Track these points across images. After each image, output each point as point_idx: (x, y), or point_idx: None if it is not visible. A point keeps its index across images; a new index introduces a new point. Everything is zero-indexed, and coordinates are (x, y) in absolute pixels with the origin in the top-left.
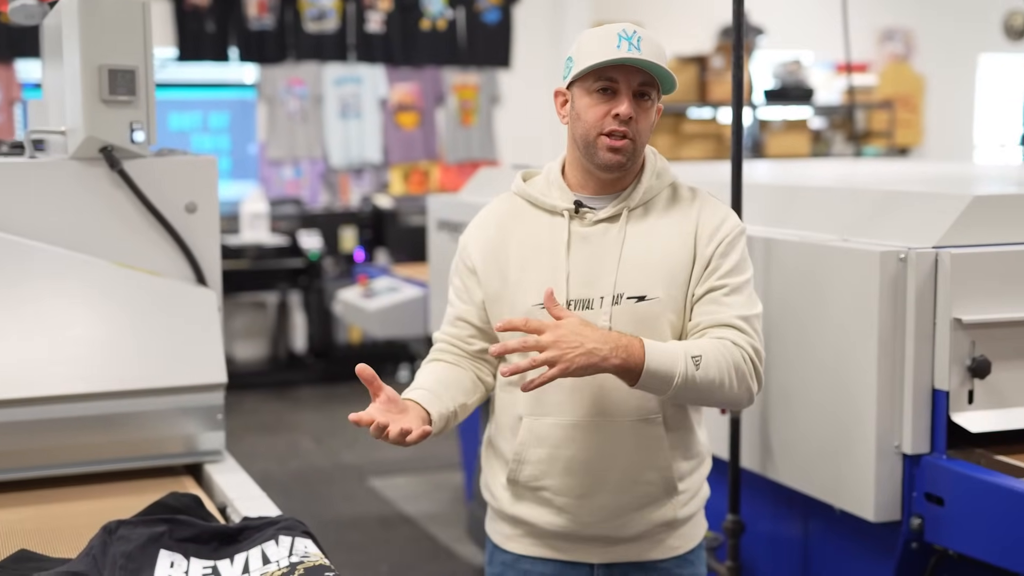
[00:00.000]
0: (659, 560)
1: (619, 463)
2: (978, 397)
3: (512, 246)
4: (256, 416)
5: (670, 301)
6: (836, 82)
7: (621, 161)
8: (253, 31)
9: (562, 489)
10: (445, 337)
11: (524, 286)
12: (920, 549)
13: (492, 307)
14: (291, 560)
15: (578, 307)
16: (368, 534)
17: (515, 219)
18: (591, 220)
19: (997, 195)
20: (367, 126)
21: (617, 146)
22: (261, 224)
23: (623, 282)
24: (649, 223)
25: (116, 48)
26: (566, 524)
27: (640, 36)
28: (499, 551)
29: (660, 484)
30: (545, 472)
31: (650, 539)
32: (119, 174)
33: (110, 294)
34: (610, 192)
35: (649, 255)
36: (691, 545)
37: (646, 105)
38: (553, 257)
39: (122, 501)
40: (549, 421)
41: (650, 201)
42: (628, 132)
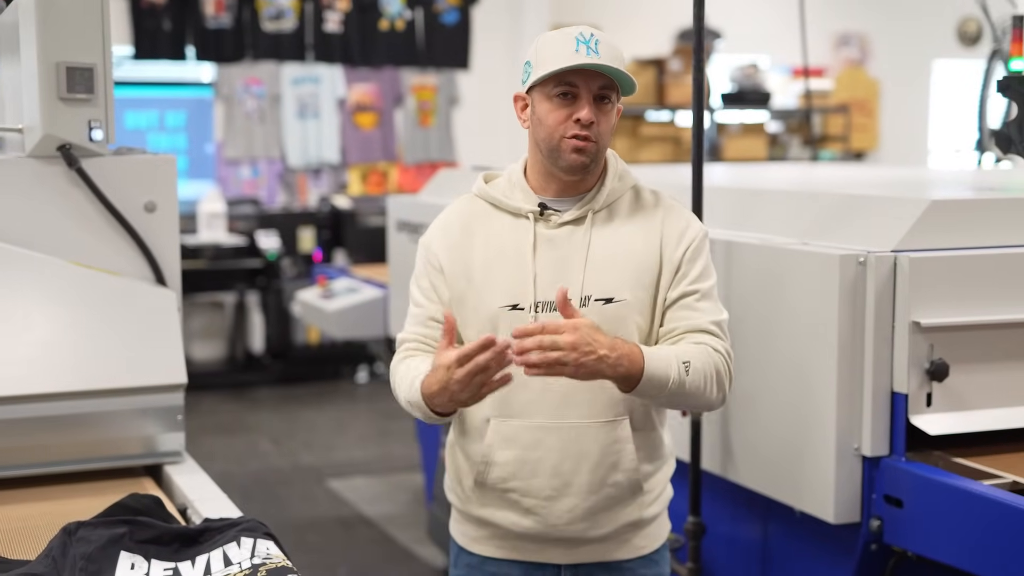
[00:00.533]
0: (625, 560)
1: (587, 465)
2: (936, 400)
3: (476, 248)
4: (214, 417)
5: (636, 303)
6: (792, 86)
7: (585, 162)
8: (210, 30)
9: (530, 491)
10: (415, 336)
11: (490, 288)
12: (879, 550)
13: (457, 307)
14: (253, 562)
15: (545, 309)
16: (327, 536)
17: (478, 221)
18: (556, 223)
19: (955, 199)
20: (325, 126)
21: (581, 146)
22: (218, 224)
23: (590, 284)
24: (613, 226)
25: (74, 45)
26: (533, 526)
27: (598, 39)
28: (464, 553)
29: (627, 485)
30: (513, 474)
31: (616, 539)
32: (77, 173)
33: (68, 294)
34: (572, 195)
35: (615, 257)
36: (656, 545)
37: (606, 108)
38: (519, 259)
39: (81, 502)
40: (516, 423)
41: (613, 204)
42: (590, 136)
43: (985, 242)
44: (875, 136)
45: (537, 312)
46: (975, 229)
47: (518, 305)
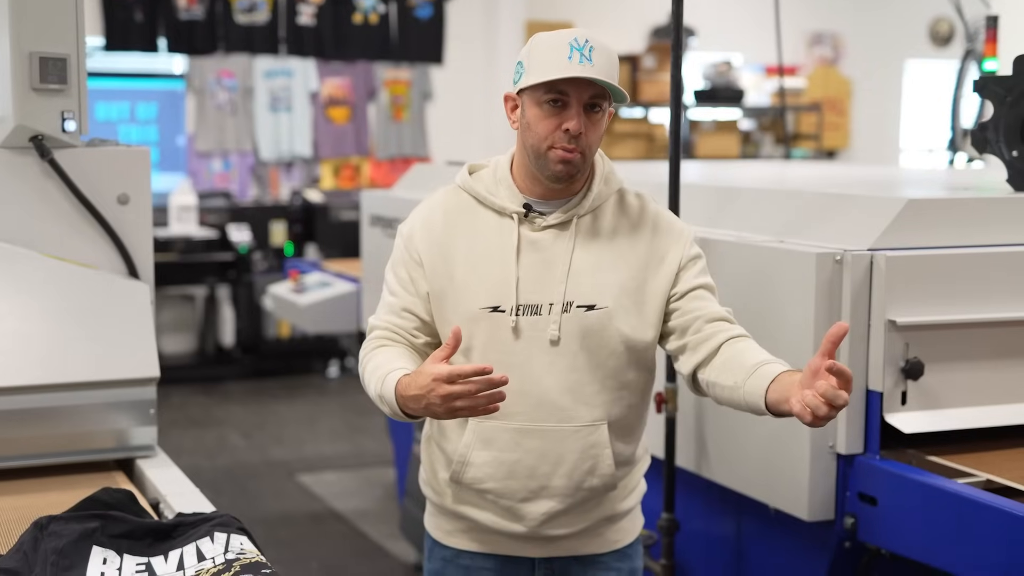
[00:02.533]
0: (598, 554)
1: (563, 469)
2: (911, 398)
3: (459, 244)
4: (183, 411)
5: (620, 309)
6: (765, 84)
7: (571, 173)
8: (182, 21)
9: (505, 492)
10: (387, 325)
11: (471, 288)
12: (853, 548)
13: (436, 303)
14: (227, 557)
15: (527, 312)
16: (298, 531)
17: (462, 215)
18: (540, 225)
19: (931, 199)
20: (297, 120)
21: (567, 158)
22: (189, 217)
23: (573, 290)
24: (598, 231)
25: (47, 35)
26: (508, 525)
27: (592, 46)
28: (439, 546)
29: (601, 488)
30: (489, 475)
31: (590, 534)
32: (50, 164)
33: (40, 286)
34: (558, 197)
35: (599, 263)
36: (629, 539)
37: (596, 117)
38: (503, 261)
39: (52, 496)
40: (495, 424)
41: (599, 208)
42: (577, 147)
43: (961, 241)
44: (847, 135)
45: (518, 315)
46: (951, 228)
47: (499, 307)
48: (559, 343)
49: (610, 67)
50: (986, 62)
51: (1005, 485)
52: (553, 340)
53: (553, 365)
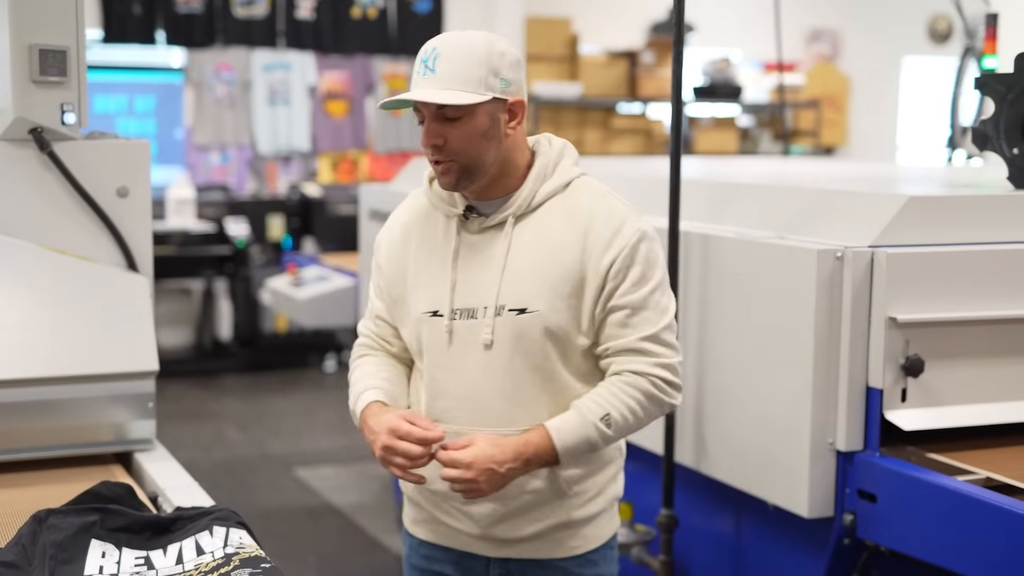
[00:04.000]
0: (557, 559)
1: None
2: (911, 395)
3: (412, 249)
4: (180, 404)
5: (552, 314)
6: (764, 80)
7: (452, 183)
8: (181, 14)
9: (449, 495)
10: (368, 332)
11: (417, 292)
12: (852, 545)
13: (395, 309)
14: (226, 551)
15: (462, 316)
16: (295, 525)
17: (417, 220)
18: (478, 227)
19: (932, 196)
20: (295, 113)
21: (439, 171)
22: (187, 210)
23: (506, 293)
24: (537, 229)
25: (47, 27)
26: (460, 524)
27: (439, 55)
28: (408, 534)
29: (548, 490)
30: (434, 478)
31: (545, 539)
32: (49, 156)
33: (40, 279)
34: (497, 196)
35: (532, 266)
36: (593, 545)
37: (458, 123)
38: (442, 264)
39: (51, 489)
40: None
41: (541, 205)
42: (441, 158)
43: (962, 239)
44: (845, 132)
45: (453, 320)
46: (952, 225)
47: (437, 312)
48: (492, 347)
49: (458, 69)
50: (985, 59)
51: (1005, 483)
52: (486, 344)
53: (488, 369)
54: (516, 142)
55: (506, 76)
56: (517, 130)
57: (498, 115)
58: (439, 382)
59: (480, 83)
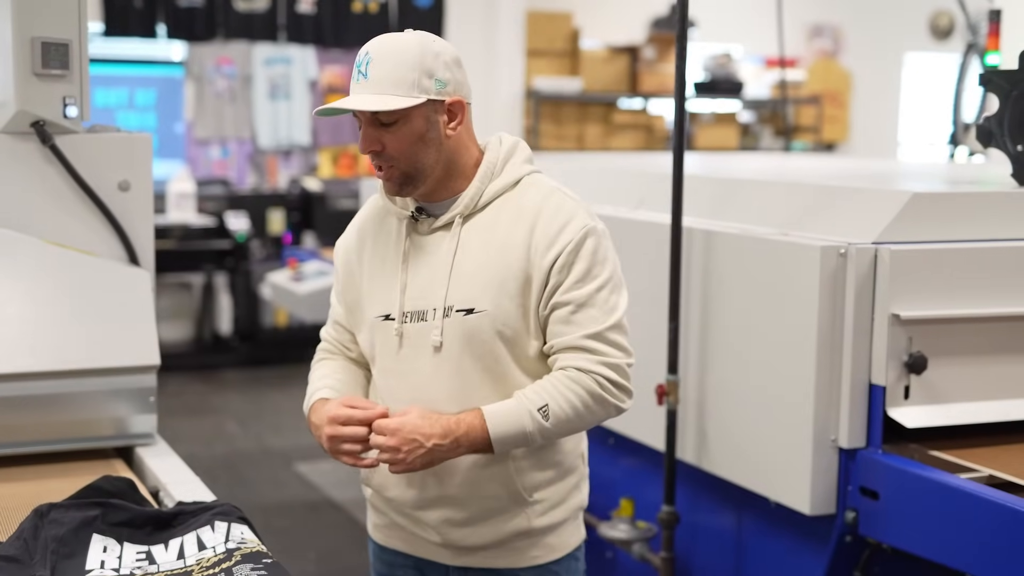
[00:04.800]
0: (516, 568)
1: (458, 477)
2: (914, 393)
3: (366, 253)
4: (180, 399)
5: (500, 313)
6: (765, 76)
7: (395, 189)
8: (182, 8)
9: (404, 500)
10: (328, 337)
11: (371, 296)
12: (854, 542)
13: (351, 314)
14: (227, 546)
15: (413, 319)
16: (295, 520)
17: (373, 224)
18: (428, 228)
19: (936, 193)
20: (296, 107)
21: (380, 177)
22: (188, 204)
23: (454, 294)
24: (484, 228)
25: (50, 20)
26: (416, 529)
27: (371, 59)
28: (370, 539)
29: (506, 496)
30: (391, 482)
31: (504, 547)
32: (51, 150)
33: (41, 273)
34: (444, 197)
35: (479, 265)
36: (555, 556)
37: (393, 128)
38: (393, 268)
39: (52, 484)
40: None
41: (489, 204)
42: (381, 164)
43: (965, 235)
44: (846, 128)
45: (404, 323)
46: (955, 222)
47: (389, 315)
48: (442, 349)
49: (388, 72)
50: (988, 56)
51: (1007, 480)
52: (436, 346)
53: (438, 372)
54: (460, 143)
55: (442, 77)
56: (459, 130)
57: (435, 117)
58: (391, 387)
59: (412, 86)
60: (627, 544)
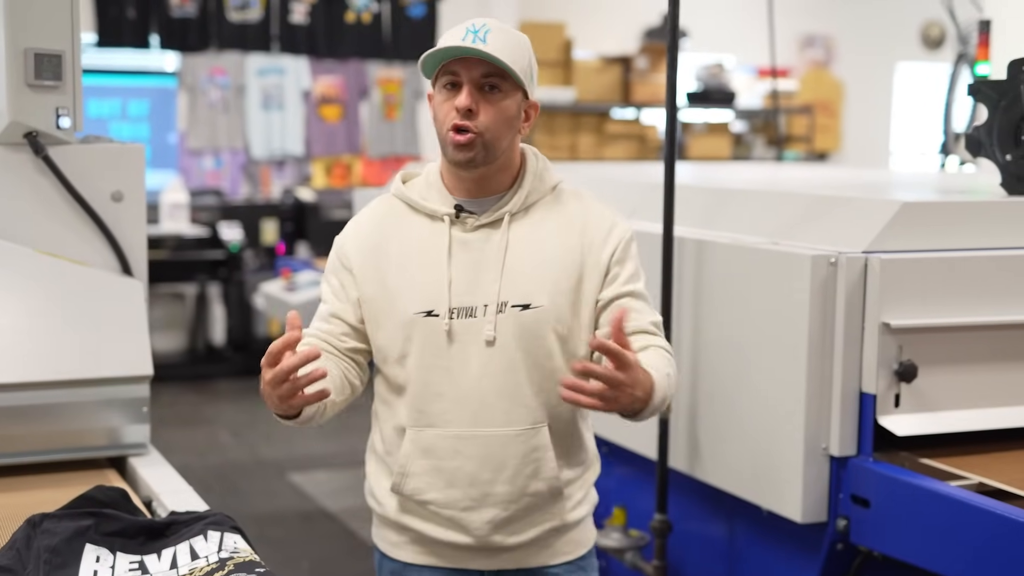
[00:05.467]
0: (548, 566)
1: (505, 475)
2: (904, 401)
3: (392, 251)
4: (173, 409)
5: (554, 309)
6: (757, 86)
7: (469, 156)
8: (175, 18)
9: (447, 502)
10: (316, 333)
11: (405, 293)
12: (845, 550)
13: (369, 311)
14: (220, 556)
15: (461, 315)
16: (289, 530)
17: (395, 222)
18: (472, 225)
19: (926, 202)
20: (289, 118)
21: (461, 141)
22: (181, 214)
23: (507, 290)
24: (532, 228)
25: (43, 31)
26: (453, 536)
27: (489, 30)
28: (387, 559)
29: (547, 493)
30: (430, 485)
31: (538, 545)
32: (44, 161)
33: (34, 283)
34: (488, 195)
35: (533, 262)
36: (581, 551)
37: (494, 97)
38: (435, 264)
39: (45, 494)
40: (433, 433)
41: (532, 205)
42: (470, 126)
43: (955, 245)
44: (838, 137)
45: (452, 319)
46: (946, 231)
47: (433, 311)
48: (495, 344)
49: (508, 51)
50: (978, 66)
51: (998, 488)
52: (489, 341)
53: (489, 367)
54: (518, 144)
55: (535, 78)
56: (523, 132)
57: (520, 110)
58: (435, 385)
59: (522, 70)
60: (620, 553)
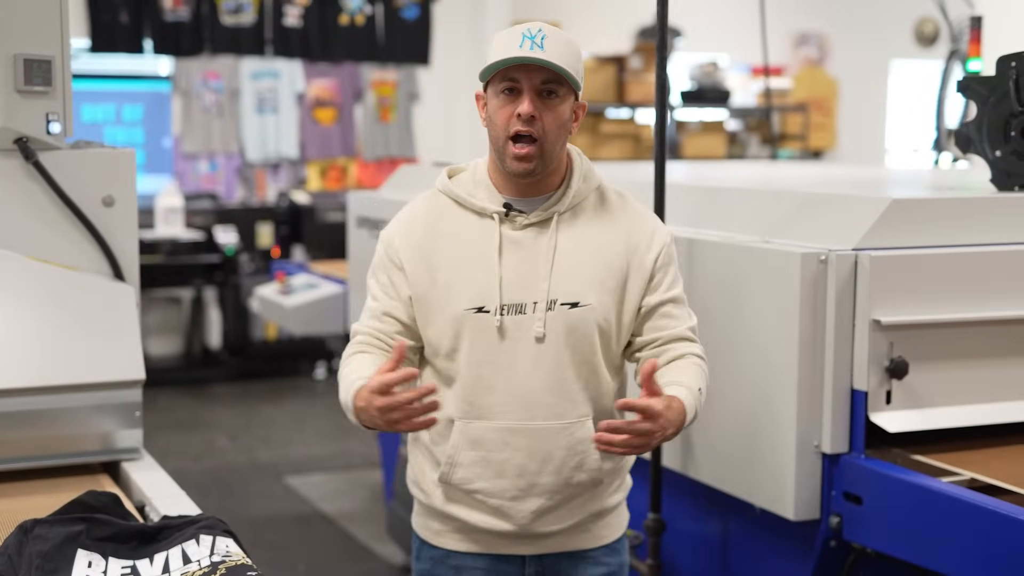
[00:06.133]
0: (588, 549)
1: (551, 466)
2: (896, 397)
3: (441, 247)
4: (170, 413)
5: (601, 307)
6: (752, 85)
7: (528, 168)
8: (168, 23)
9: (494, 492)
10: (368, 330)
11: (455, 289)
12: (838, 547)
13: (419, 307)
14: (212, 560)
15: (511, 312)
16: (285, 533)
17: (442, 218)
18: (521, 224)
19: (915, 199)
20: (284, 121)
21: (522, 154)
22: (176, 219)
23: (557, 288)
24: (579, 228)
25: (32, 37)
26: (498, 524)
27: (545, 35)
28: (428, 547)
29: (589, 483)
30: (478, 475)
31: (579, 529)
32: (34, 166)
33: (26, 289)
34: (536, 194)
35: (581, 261)
36: (617, 535)
37: (552, 103)
38: (485, 261)
39: (38, 500)
40: (482, 425)
41: (578, 205)
42: (533, 132)
43: (945, 241)
44: (833, 135)
45: (503, 315)
46: (935, 228)
47: (483, 308)
48: (544, 340)
49: (564, 55)
50: (970, 62)
51: (989, 483)
52: (538, 338)
53: (539, 363)
54: (567, 144)
55: (583, 79)
56: (571, 132)
57: (572, 112)
58: (486, 379)
59: (577, 74)
60: None
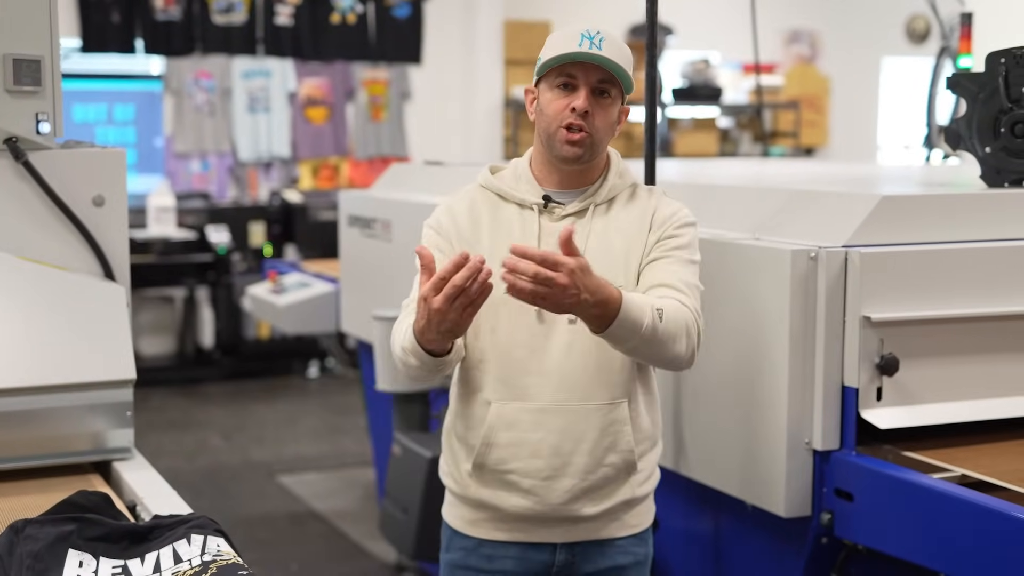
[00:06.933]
0: (617, 537)
1: (585, 446)
2: (886, 394)
3: (483, 235)
4: (163, 413)
5: (629, 288)
6: (743, 82)
7: (579, 153)
8: (159, 22)
9: (529, 472)
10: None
11: (495, 274)
12: (830, 544)
13: None
14: (203, 559)
15: None
16: (278, 532)
17: (485, 210)
18: (559, 215)
19: (905, 195)
20: (276, 120)
21: (574, 139)
22: (168, 218)
23: None
24: (611, 218)
25: (21, 37)
26: (531, 506)
27: (603, 37)
28: (459, 536)
29: (622, 466)
30: (513, 455)
31: (609, 517)
32: (24, 166)
33: (15, 289)
34: (575, 187)
35: (612, 248)
36: (645, 524)
37: (605, 102)
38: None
39: (28, 500)
40: (517, 406)
41: (613, 199)
42: (585, 126)
43: (935, 237)
44: (825, 132)
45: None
46: (925, 225)
47: None
48: (577, 323)
49: (620, 58)
50: (961, 59)
51: (980, 480)
52: (572, 320)
53: (573, 345)
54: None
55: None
56: (615, 132)
57: (618, 113)
58: (520, 361)
59: (630, 75)
60: None
